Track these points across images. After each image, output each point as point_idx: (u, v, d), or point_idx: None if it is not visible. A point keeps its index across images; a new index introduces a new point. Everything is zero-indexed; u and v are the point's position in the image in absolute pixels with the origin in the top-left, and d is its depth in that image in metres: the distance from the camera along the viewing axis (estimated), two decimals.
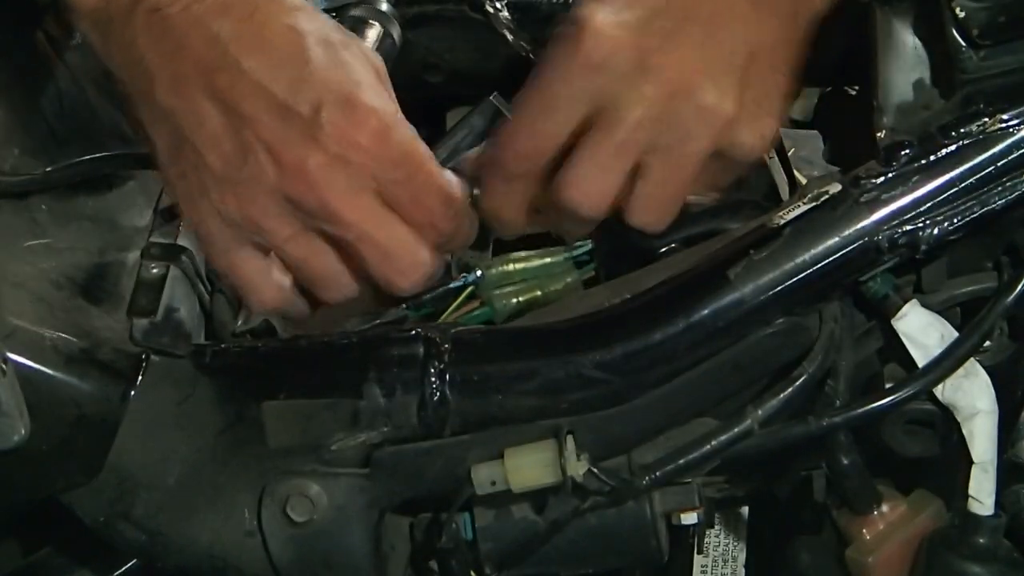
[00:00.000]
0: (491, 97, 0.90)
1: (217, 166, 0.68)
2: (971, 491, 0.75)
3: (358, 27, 0.88)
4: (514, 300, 0.82)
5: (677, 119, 0.70)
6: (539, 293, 0.83)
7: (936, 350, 0.74)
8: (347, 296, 0.74)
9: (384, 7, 0.89)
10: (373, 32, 0.87)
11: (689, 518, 0.77)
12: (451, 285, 0.84)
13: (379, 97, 0.70)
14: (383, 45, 0.88)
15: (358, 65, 0.70)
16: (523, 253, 0.86)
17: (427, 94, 0.98)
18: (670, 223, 0.74)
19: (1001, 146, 0.71)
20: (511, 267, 0.83)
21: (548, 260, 0.84)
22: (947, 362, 0.73)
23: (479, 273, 0.83)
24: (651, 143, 0.70)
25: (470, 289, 0.83)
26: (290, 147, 0.67)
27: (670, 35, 0.69)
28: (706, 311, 0.72)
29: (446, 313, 0.83)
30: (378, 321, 0.84)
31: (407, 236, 0.71)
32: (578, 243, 0.87)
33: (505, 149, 0.73)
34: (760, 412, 0.73)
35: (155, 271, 0.78)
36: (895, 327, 0.75)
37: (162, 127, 0.69)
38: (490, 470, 0.73)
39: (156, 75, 0.68)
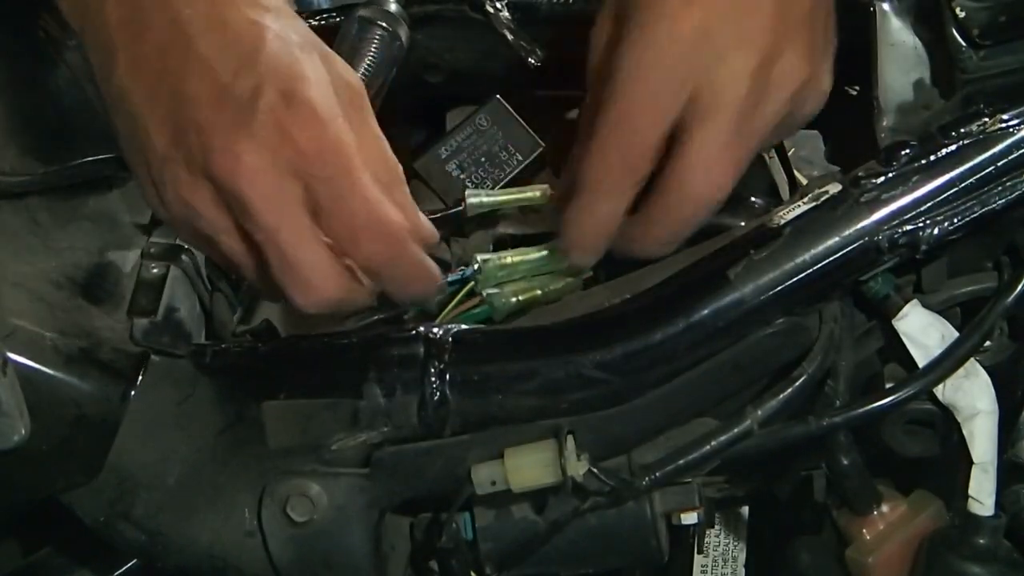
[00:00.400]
0: (496, 97, 0.90)
1: (159, 147, 0.66)
2: (971, 491, 0.75)
3: (365, 28, 0.88)
4: (513, 299, 0.82)
5: (768, 85, 0.70)
6: (539, 292, 0.83)
7: (936, 350, 0.74)
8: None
9: (392, 7, 0.88)
10: (377, 33, 0.87)
11: (689, 518, 0.77)
12: (449, 278, 0.83)
13: (325, 97, 0.66)
14: (390, 48, 0.87)
15: (312, 65, 0.67)
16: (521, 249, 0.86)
17: (427, 94, 0.98)
18: None
19: (1001, 146, 0.71)
20: (509, 259, 0.83)
21: (546, 252, 0.84)
22: (947, 362, 0.73)
23: (476, 266, 0.83)
24: (750, 111, 0.70)
25: (469, 286, 0.83)
26: (221, 130, 0.65)
27: (746, 0, 0.69)
28: (706, 311, 0.72)
29: (445, 311, 0.83)
30: (376, 317, 0.84)
31: (318, 252, 0.67)
32: None
33: (608, 164, 0.70)
34: (760, 412, 0.73)
35: (155, 271, 0.78)
36: (895, 327, 0.75)
37: (119, 108, 0.67)
38: (490, 470, 0.73)
39: (119, 56, 0.66)
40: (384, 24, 0.87)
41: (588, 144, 0.72)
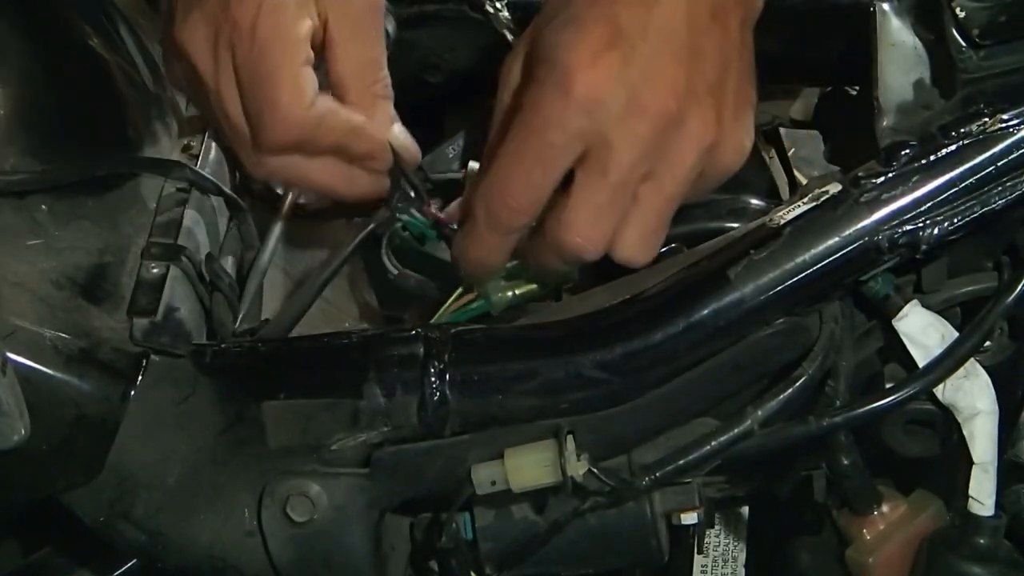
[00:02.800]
0: None
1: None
2: (971, 491, 0.75)
3: None
4: (510, 293, 0.82)
5: (667, 151, 0.71)
6: (535, 285, 0.83)
7: (936, 350, 0.74)
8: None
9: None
10: None
11: (689, 518, 0.77)
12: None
13: None
14: None
15: None
16: None
17: (427, 94, 0.98)
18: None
19: (1001, 146, 0.71)
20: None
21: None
22: (947, 362, 0.73)
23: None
24: (643, 177, 0.71)
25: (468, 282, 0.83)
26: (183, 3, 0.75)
27: (652, 65, 0.69)
28: (706, 311, 0.72)
29: (443, 308, 0.83)
30: (371, 227, 0.84)
31: (238, 118, 0.76)
32: None
33: (500, 204, 0.72)
34: (760, 412, 0.73)
35: (155, 271, 0.78)
36: (895, 327, 0.75)
37: None
38: (490, 470, 0.73)
39: None
40: None
41: (483, 179, 0.73)
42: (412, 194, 0.83)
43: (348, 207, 0.87)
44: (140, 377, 0.75)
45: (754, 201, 0.87)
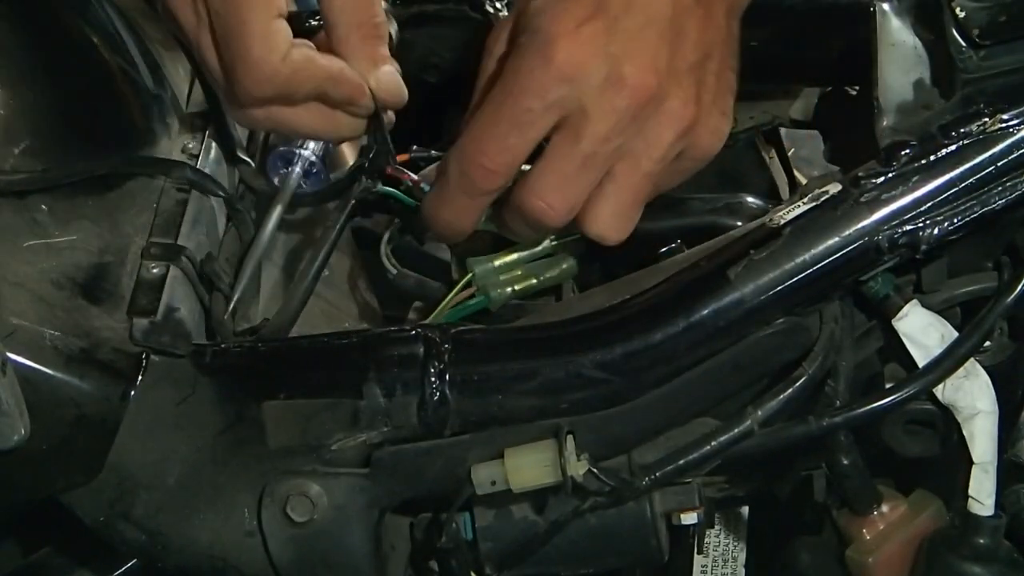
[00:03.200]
0: None
1: None
2: (971, 491, 0.75)
3: None
4: (509, 289, 0.82)
5: (644, 127, 0.71)
6: (534, 281, 0.83)
7: (936, 350, 0.74)
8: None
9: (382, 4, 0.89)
10: None
11: (689, 518, 0.77)
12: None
13: None
14: None
15: None
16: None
17: (427, 94, 0.98)
18: (662, 217, 0.75)
19: (1001, 146, 0.71)
20: (499, 262, 0.83)
21: (536, 248, 0.83)
22: (947, 362, 0.73)
23: (472, 273, 0.83)
24: (618, 152, 0.71)
25: (467, 278, 0.83)
26: None
27: (634, 40, 0.70)
28: (706, 311, 0.72)
29: (442, 305, 0.83)
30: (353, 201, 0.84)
31: (216, 69, 0.75)
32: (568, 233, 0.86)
33: (473, 165, 0.72)
34: (760, 412, 0.73)
35: (155, 271, 0.78)
36: (895, 327, 0.75)
37: None
38: (490, 470, 0.73)
39: None
40: None
41: (459, 141, 0.73)
42: (381, 147, 0.82)
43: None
44: (140, 377, 0.75)
45: (751, 200, 0.87)
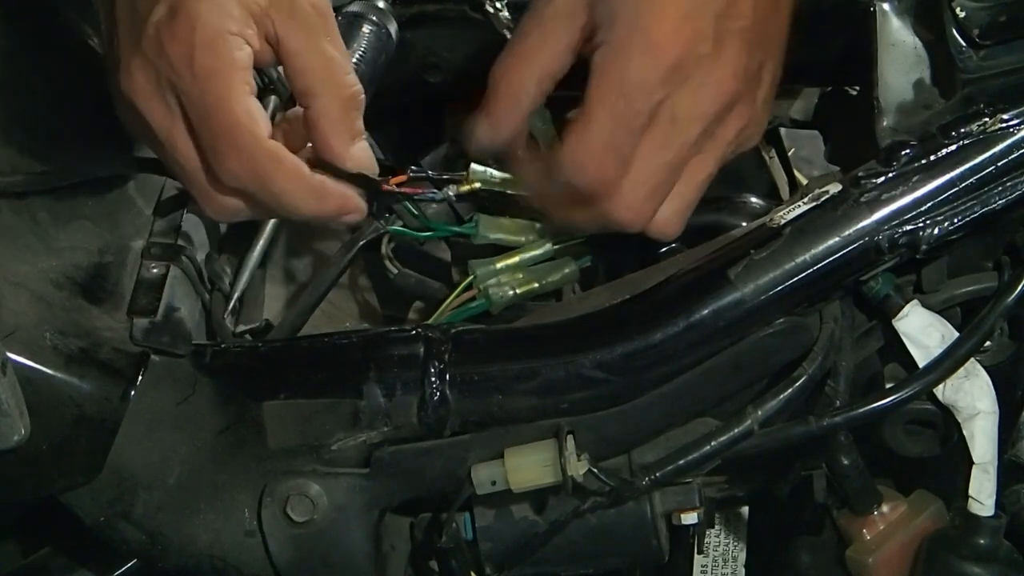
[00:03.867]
0: None
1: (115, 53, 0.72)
2: (971, 492, 0.74)
3: (354, 23, 0.88)
4: (510, 291, 0.82)
5: (717, 130, 0.73)
6: (536, 284, 0.83)
7: (937, 350, 0.74)
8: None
9: (381, 4, 0.89)
10: (366, 28, 0.87)
11: (689, 518, 0.77)
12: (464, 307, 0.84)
13: (215, 11, 0.69)
14: (379, 41, 0.88)
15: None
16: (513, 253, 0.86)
17: (427, 94, 0.98)
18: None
19: (1001, 146, 0.71)
20: (500, 264, 0.83)
21: (538, 251, 0.84)
22: (948, 362, 0.73)
23: (472, 276, 0.83)
24: (693, 151, 0.73)
25: (467, 280, 0.83)
26: (124, 46, 0.70)
27: (725, 44, 0.71)
28: (706, 311, 0.72)
29: (443, 307, 0.83)
30: (362, 242, 0.84)
31: (192, 160, 0.71)
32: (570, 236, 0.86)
33: (586, 175, 0.72)
34: (760, 412, 0.73)
35: (155, 271, 0.78)
36: (896, 327, 0.75)
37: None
38: (490, 470, 0.73)
39: None
40: (373, 19, 0.88)
41: (568, 148, 0.73)
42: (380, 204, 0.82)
43: None
44: (140, 377, 0.75)
45: (755, 200, 0.87)
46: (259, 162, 0.70)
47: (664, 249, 0.83)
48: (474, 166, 0.85)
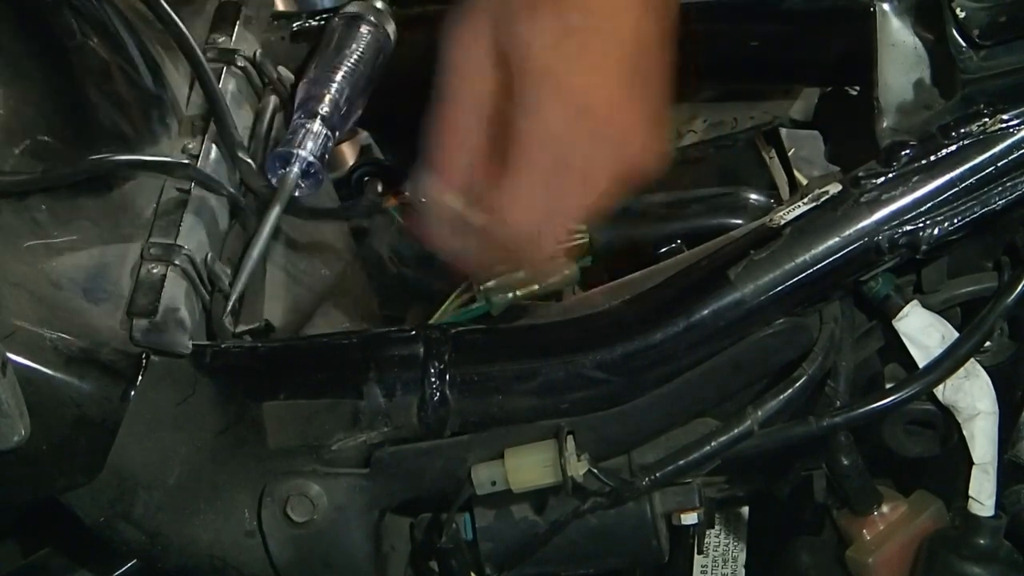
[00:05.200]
0: None
1: None
2: (971, 492, 0.75)
3: (352, 24, 0.88)
4: (510, 294, 0.82)
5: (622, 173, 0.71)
6: (536, 286, 0.83)
7: (937, 350, 0.74)
8: None
9: (379, 4, 0.89)
10: (364, 28, 0.88)
11: (689, 518, 0.77)
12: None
13: None
14: (377, 40, 0.88)
15: None
16: None
17: (427, 95, 0.98)
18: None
19: (1001, 146, 0.71)
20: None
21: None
22: (948, 363, 0.73)
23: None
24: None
25: (468, 281, 0.83)
26: None
27: (634, 83, 0.69)
28: (706, 311, 0.72)
29: (442, 308, 0.83)
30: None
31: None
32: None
33: (525, 236, 0.71)
34: (760, 413, 0.73)
35: (155, 271, 0.78)
36: (896, 327, 0.75)
37: None
38: (490, 470, 0.73)
39: None
40: (371, 19, 0.88)
41: (500, 209, 0.71)
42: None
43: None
44: (140, 377, 0.75)
45: (754, 196, 0.87)
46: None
47: (664, 249, 0.83)
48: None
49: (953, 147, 0.72)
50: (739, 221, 0.84)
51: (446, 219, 0.72)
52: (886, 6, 0.82)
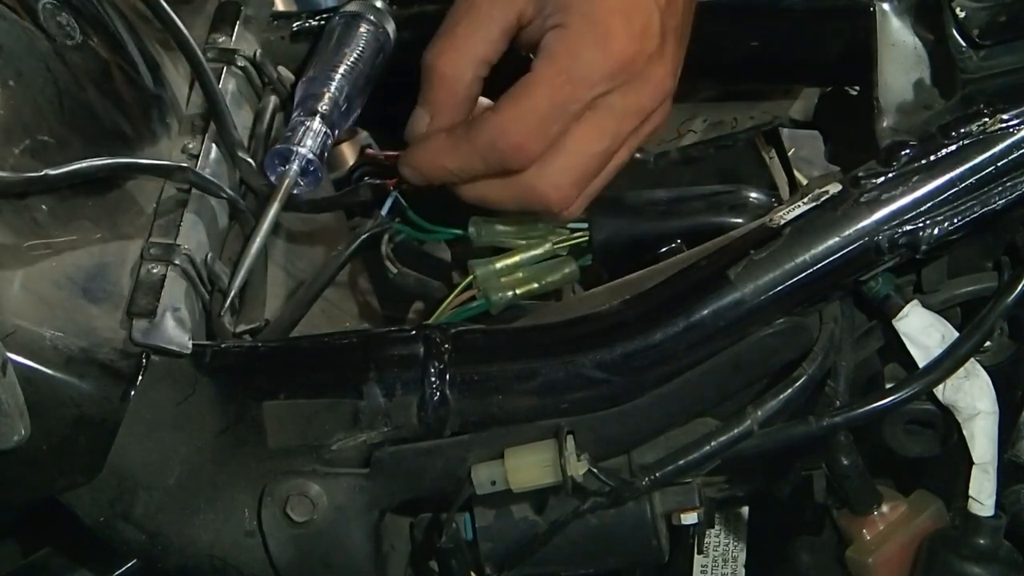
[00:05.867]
0: None
1: None
2: (971, 492, 0.75)
3: (352, 23, 0.88)
4: (510, 292, 0.82)
5: (647, 123, 0.75)
6: (536, 285, 0.83)
7: (937, 350, 0.74)
8: None
9: (379, 4, 0.89)
10: (363, 27, 0.88)
11: (689, 518, 0.77)
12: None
13: None
14: (376, 40, 0.88)
15: None
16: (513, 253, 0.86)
17: None
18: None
19: (1001, 146, 0.71)
20: (500, 264, 0.83)
21: (538, 251, 0.84)
22: (948, 362, 0.73)
23: (473, 275, 0.84)
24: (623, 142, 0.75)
25: (467, 280, 0.83)
26: None
27: (668, 40, 0.73)
28: (706, 311, 0.72)
29: (441, 307, 0.83)
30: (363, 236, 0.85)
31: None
32: (570, 235, 0.86)
33: (511, 145, 0.73)
34: (760, 412, 0.73)
35: (155, 271, 0.78)
36: (896, 327, 0.75)
37: None
38: (490, 470, 0.73)
39: None
40: (371, 19, 0.88)
41: (499, 114, 0.74)
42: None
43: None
44: (140, 377, 0.75)
45: (754, 195, 0.87)
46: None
47: (664, 249, 0.83)
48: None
49: (953, 147, 0.72)
50: (740, 219, 0.84)
51: (440, 143, 0.75)
52: (886, 6, 0.82)
